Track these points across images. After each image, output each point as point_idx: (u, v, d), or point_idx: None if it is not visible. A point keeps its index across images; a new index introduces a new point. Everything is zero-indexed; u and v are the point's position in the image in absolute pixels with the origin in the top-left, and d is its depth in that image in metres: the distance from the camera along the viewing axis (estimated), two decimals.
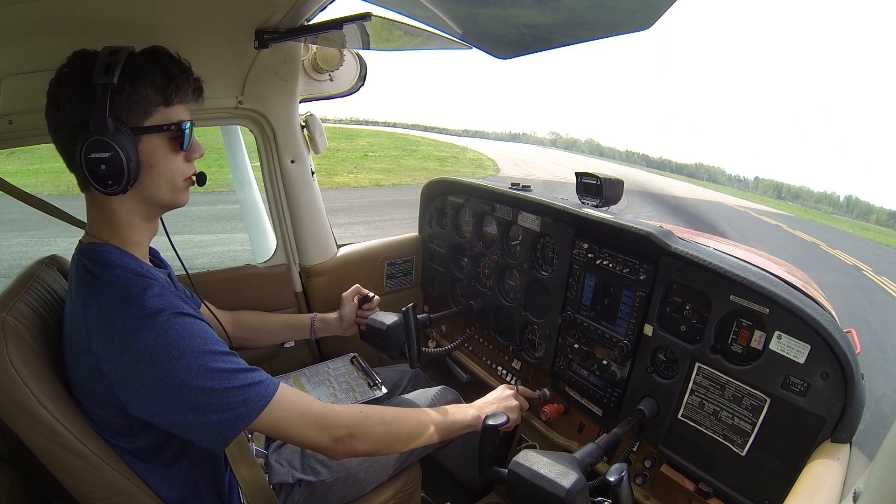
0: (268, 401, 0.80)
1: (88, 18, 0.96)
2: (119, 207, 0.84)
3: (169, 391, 0.75)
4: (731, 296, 0.94)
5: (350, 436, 0.89)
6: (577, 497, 0.79)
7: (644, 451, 1.15)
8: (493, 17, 0.89)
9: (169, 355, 0.74)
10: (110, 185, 0.77)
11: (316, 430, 0.86)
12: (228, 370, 0.78)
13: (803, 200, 13.56)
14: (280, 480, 1.08)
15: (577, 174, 1.32)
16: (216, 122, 1.44)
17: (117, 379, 0.75)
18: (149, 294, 0.77)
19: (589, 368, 1.25)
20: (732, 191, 18.94)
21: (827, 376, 0.81)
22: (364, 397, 1.36)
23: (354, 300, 1.44)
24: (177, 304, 0.79)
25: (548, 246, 1.37)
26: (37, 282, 0.94)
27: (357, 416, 0.92)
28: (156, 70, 0.80)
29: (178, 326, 0.76)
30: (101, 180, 0.76)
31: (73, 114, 0.76)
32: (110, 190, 0.78)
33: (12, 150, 1.37)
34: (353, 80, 1.59)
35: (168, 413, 0.76)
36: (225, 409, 0.77)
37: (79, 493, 0.85)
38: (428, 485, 1.41)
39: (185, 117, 0.85)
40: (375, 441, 0.93)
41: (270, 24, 1.15)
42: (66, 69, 0.78)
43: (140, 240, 0.89)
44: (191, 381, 0.75)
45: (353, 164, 14.26)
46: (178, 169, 0.86)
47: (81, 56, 0.78)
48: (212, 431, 0.77)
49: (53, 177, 9.71)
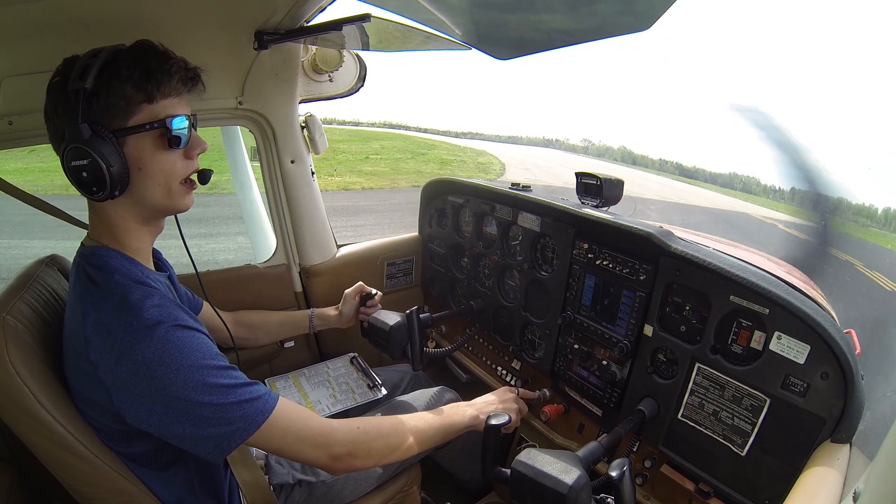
0: (266, 416, 0.79)
1: (88, 19, 0.96)
2: (114, 212, 0.82)
3: (166, 404, 0.74)
4: (730, 296, 0.93)
5: (349, 454, 0.88)
6: (580, 494, 0.79)
7: (644, 451, 1.14)
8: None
9: (167, 369, 0.73)
10: (95, 191, 0.76)
11: (314, 449, 0.85)
12: (227, 385, 0.77)
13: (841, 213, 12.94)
14: (280, 481, 1.08)
15: (577, 174, 1.32)
16: (216, 123, 1.44)
17: (115, 387, 0.74)
18: (148, 304, 0.76)
19: (589, 369, 1.25)
20: (766, 201, 18.19)
21: (827, 376, 0.81)
22: (363, 399, 1.35)
23: (356, 298, 1.44)
24: (176, 316, 0.77)
25: (548, 246, 1.37)
26: (37, 281, 0.94)
27: (355, 433, 0.90)
28: (133, 66, 0.76)
29: (177, 340, 0.75)
30: (86, 187, 0.75)
31: (58, 122, 0.76)
32: (97, 196, 0.76)
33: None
34: (353, 80, 1.59)
35: (165, 425, 0.75)
36: (222, 423, 0.76)
37: (78, 493, 0.85)
38: (428, 485, 1.41)
39: (175, 112, 0.80)
40: (374, 456, 0.92)
41: (270, 25, 1.15)
42: (56, 77, 0.77)
43: (139, 245, 0.87)
44: (188, 395, 0.74)
45: (333, 167, 14.22)
46: (171, 169, 0.81)
47: (68, 62, 0.77)
48: (208, 444, 0.77)
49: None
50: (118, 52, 0.78)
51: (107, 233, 0.84)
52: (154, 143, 0.79)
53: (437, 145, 24.66)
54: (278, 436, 0.81)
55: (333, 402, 1.35)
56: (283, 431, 0.81)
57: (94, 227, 0.85)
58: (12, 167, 9.45)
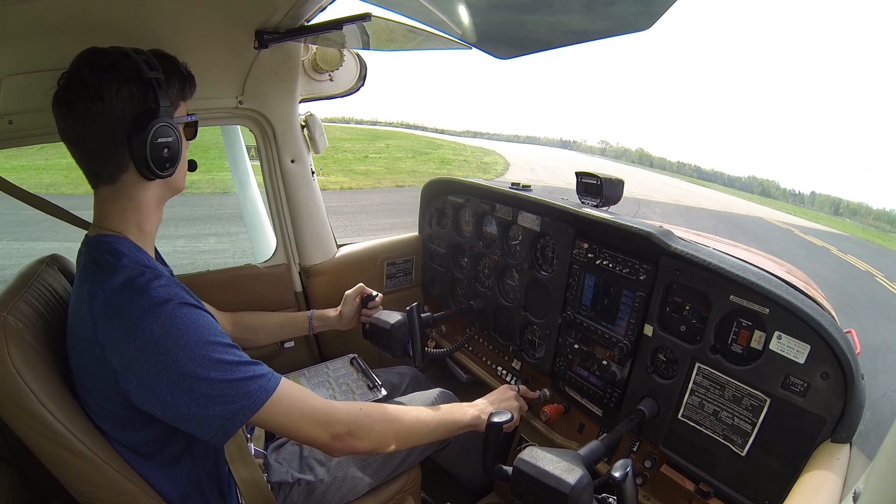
0: (269, 394, 0.80)
1: (88, 19, 0.96)
2: (150, 194, 0.89)
3: (172, 381, 0.75)
4: (730, 296, 0.94)
5: (350, 433, 0.89)
6: (582, 493, 0.79)
7: (644, 451, 1.15)
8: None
9: (174, 344, 0.74)
10: (167, 167, 0.85)
11: (316, 427, 0.86)
12: (232, 362, 0.78)
13: (861, 217, 12.31)
14: (279, 480, 1.08)
15: (577, 174, 1.32)
16: (216, 122, 1.44)
17: (121, 368, 0.75)
18: (155, 284, 0.78)
19: (589, 369, 1.25)
20: (784, 205, 17.47)
21: (827, 376, 0.81)
22: (363, 399, 1.36)
23: (357, 299, 1.44)
24: (182, 295, 0.79)
25: (548, 246, 1.37)
26: (37, 281, 0.94)
27: (357, 413, 0.92)
28: (174, 69, 0.89)
29: (184, 316, 0.77)
30: (161, 163, 0.84)
31: (122, 106, 0.80)
32: (167, 172, 0.85)
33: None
34: (353, 80, 1.59)
35: (170, 404, 0.76)
36: (227, 401, 0.77)
37: (79, 493, 0.84)
38: (428, 485, 1.41)
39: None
40: (375, 439, 0.93)
41: (270, 24, 1.15)
42: (112, 64, 0.80)
43: (152, 230, 0.93)
44: (194, 370, 0.75)
45: (319, 167, 14.21)
46: (186, 156, 0.94)
47: (99, 54, 0.81)
48: (213, 424, 0.77)
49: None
50: (147, 52, 0.85)
51: (125, 219, 0.87)
52: (185, 134, 0.94)
53: (444, 145, 24.54)
54: (282, 413, 0.82)
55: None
56: (287, 409, 0.83)
57: (108, 216, 0.87)
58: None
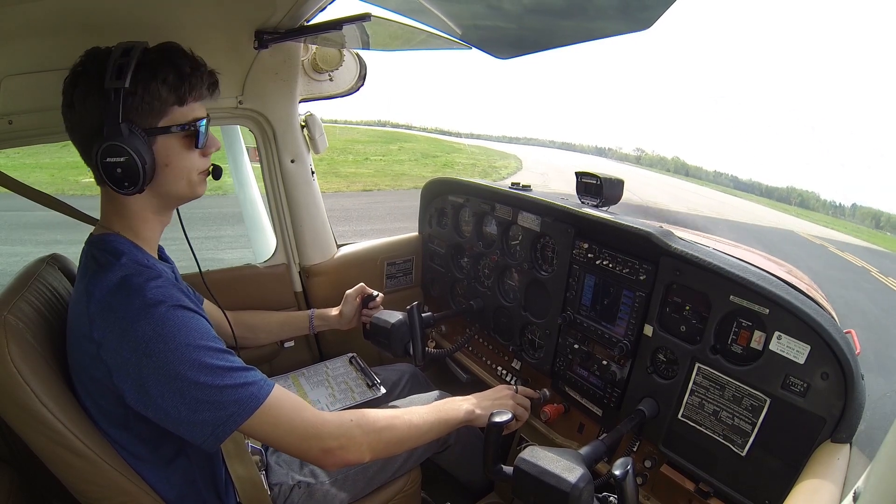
0: (259, 403, 0.79)
1: (88, 19, 0.96)
2: (133, 203, 0.85)
3: (162, 383, 0.74)
4: (730, 296, 0.93)
5: (340, 447, 0.87)
6: (582, 491, 0.79)
7: (644, 451, 1.14)
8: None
9: (165, 346, 0.74)
10: (126, 186, 0.79)
11: (304, 441, 0.84)
12: (223, 367, 0.77)
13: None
14: (279, 481, 1.08)
15: (577, 174, 1.32)
16: (216, 122, 1.44)
17: (115, 367, 0.75)
18: (151, 285, 0.77)
19: (589, 369, 1.25)
20: (821, 217, 16.58)
21: (827, 377, 0.81)
22: (362, 398, 1.36)
23: (358, 299, 1.44)
24: (177, 297, 0.79)
25: (548, 246, 1.37)
26: (38, 280, 0.94)
27: (347, 426, 0.89)
28: (168, 69, 0.80)
29: (177, 319, 0.76)
30: (118, 182, 0.78)
31: (87, 116, 0.77)
32: (126, 191, 0.79)
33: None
34: (353, 80, 1.59)
35: (161, 407, 0.75)
36: (217, 407, 0.76)
37: (79, 492, 0.84)
38: (428, 486, 1.41)
39: (199, 114, 0.86)
40: (367, 451, 0.91)
41: (270, 24, 1.15)
42: (80, 68, 0.79)
43: (151, 235, 0.90)
44: (185, 373, 0.74)
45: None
46: (193, 165, 0.87)
47: (94, 55, 0.79)
48: (204, 430, 0.77)
49: None
50: (147, 51, 0.80)
51: (121, 221, 0.86)
52: (181, 143, 0.84)
53: (461, 149, 24.30)
54: (270, 424, 0.80)
55: (332, 401, 1.35)
56: (275, 420, 0.81)
57: (107, 216, 0.87)
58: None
